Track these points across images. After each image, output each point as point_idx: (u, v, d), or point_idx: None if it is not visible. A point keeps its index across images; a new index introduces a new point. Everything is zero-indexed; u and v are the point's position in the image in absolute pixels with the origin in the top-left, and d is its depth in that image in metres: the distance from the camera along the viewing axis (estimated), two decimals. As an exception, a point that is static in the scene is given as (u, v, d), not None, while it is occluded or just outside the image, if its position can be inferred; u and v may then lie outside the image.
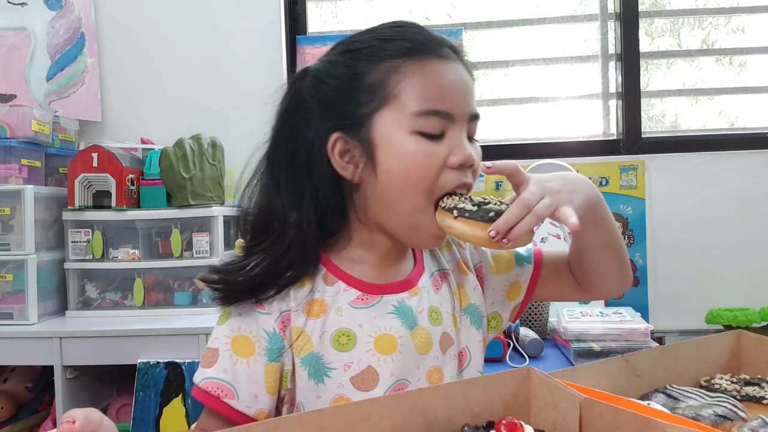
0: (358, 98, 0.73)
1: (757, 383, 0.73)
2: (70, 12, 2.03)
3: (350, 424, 0.52)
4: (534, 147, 2.03)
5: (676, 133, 2.09)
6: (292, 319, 0.75)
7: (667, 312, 1.91)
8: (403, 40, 0.73)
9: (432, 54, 0.73)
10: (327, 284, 0.77)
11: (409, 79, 0.71)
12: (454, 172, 0.72)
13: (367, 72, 0.73)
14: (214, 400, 0.72)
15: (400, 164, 0.71)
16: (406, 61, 0.72)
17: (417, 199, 0.72)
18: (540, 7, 2.11)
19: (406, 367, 0.75)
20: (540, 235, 1.84)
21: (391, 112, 0.72)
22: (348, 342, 0.74)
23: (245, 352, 0.73)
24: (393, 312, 0.77)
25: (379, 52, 0.73)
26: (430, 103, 0.71)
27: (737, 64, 2.09)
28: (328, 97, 0.75)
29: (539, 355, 1.45)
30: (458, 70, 0.74)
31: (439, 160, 0.71)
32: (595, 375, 0.67)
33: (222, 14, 2.05)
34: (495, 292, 0.87)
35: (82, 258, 1.68)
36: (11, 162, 1.63)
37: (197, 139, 1.75)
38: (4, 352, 1.54)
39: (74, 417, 0.54)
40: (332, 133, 0.74)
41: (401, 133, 0.71)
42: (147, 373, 1.46)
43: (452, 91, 0.72)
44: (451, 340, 0.80)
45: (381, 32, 0.76)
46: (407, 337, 0.76)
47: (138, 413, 1.47)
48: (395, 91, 0.71)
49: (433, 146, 0.71)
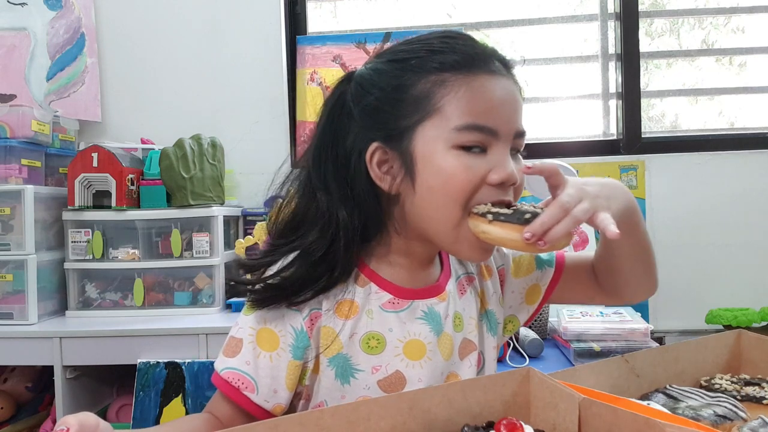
0: (401, 110, 0.72)
1: (757, 383, 0.73)
2: (70, 12, 2.03)
3: (350, 424, 0.52)
4: (534, 147, 2.03)
5: (676, 133, 2.09)
6: (322, 318, 0.74)
7: (667, 312, 1.91)
8: (452, 53, 0.71)
9: (481, 69, 0.71)
10: (359, 285, 0.76)
11: (455, 93, 0.70)
12: (493, 190, 0.70)
13: (412, 84, 0.71)
14: (234, 391, 0.72)
15: (438, 178, 0.70)
16: (453, 75, 0.70)
17: (454, 214, 0.70)
18: (540, 7, 2.11)
19: (434, 374, 0.75)
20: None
21: (433, 125, 0.70)
22: (378, 345, 0.75)
23: (269, 346, 0.73)
24: (422, 318, 0.77)
25: (426, 64, 0.72)
26: (474, 118, 0.69)
27: (737, 64, 2.09)
28: (371, 107, 0.73)
29: (539, 355, 1.45)
30: (506, 85, 0.72)
31: (479, 176, 0.69)
32: (595, 375, 0.67)
33: (222, 14, 2.05)
34: (514, 296, 0.87)
35: (82, 258, 1.68)
36: (11, 162, 1.63)
37: (197, 139, 1.75)
38: (4, 352, 1.54)
39: (68, 424, 0.54)
40: (372, 143, 0.73)
41: (442, 147, 0.69)
42: (147, 373, 1.46)
43: (498, 107, 0.71)
44: (473, 345, 0.80)
45: (430, 43, 0.74)
46: (435, 344, 0.76)
47: (138, 413, 1.47)
48: (439, 105, 0.70)
49: (474, 161, 0.69)
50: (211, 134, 1.81)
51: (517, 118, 0.73)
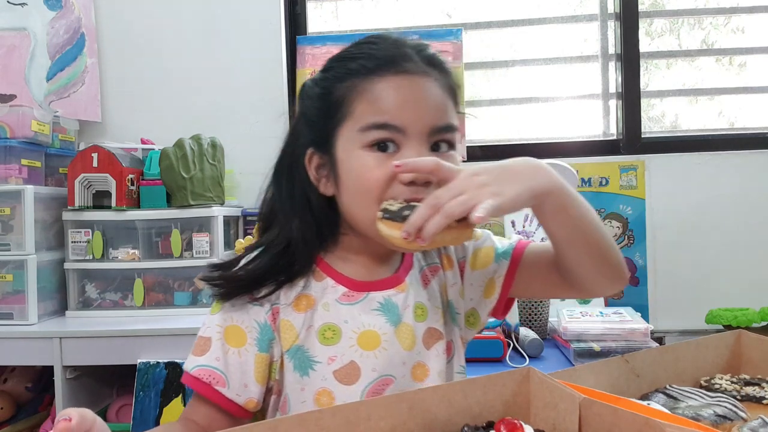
0: (324, 116, 0.77)
1: (757, 383, 0.73)
2: (70, 12, 2.03)
3: (350, 424, 0.52)
4: (534, 147, 2.03)
5: (676, 133, 2.09)
6: (281, 312, 0.77)
7: (667, 312, 1.91)
8: (364, 59, 0.76)
9: (389, 70, 0.74)
10: (316, 280, 0.80)
11: (363, 96, 0.74)
12: (405, 187, 0.72)
13: (332, 91, 0.76)
14: (206, 387, 0.74)
15: (352, 178, 0.74)
16: (362, 79, 0.74)
17: (372, 211, 0.73)
18: (540, 7, 2.11)
19: (391, 363, 0.77)
20: (540, 236, 1.84)
21: (347, 128, 0.75)
22: (333, 336, 0.77)
23: (237, 342, 0.76)
24: (378, 309, 0.79)
25: (343, 71, 0.76)
26: (377, 117, 0.73)
27: (737, 64, 2.09)
28: (308, 114, 0.79)
29: (539, 355, 1.45)
30: (419, 83, 0.74)
31: (387, 173, 0.72)
32: (595, 375, 0.67)
33: (222, 14, 2.05)
34: (473, 288, 0.87)
35: (82, 258, 1.68)
36: (11, 162, 1.63)
37: (197, 139, 1.75)
38: (4, 352, 1.54)
39: (70, 415, 0.55)
40: (308, 148, 0.78)
41: (354, 148, 0.74)
42: (147, 373, 1.46)
43: (406, 106, 0.73)
44: (439, 334, 0.81)
45: (349, 50, 0.79)
46: (391, 334, 0.78)
47: (138, 413, 1.47)
48: (351, 109, 0.75)
49: (384, 160, 0.72)
50: (211, 134, 1.81)
51: (433, 114, 0.74)
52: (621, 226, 1.93)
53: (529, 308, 1.61)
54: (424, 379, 0.78)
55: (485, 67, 2.14)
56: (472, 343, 1.40)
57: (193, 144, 1.73)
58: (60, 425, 0.52)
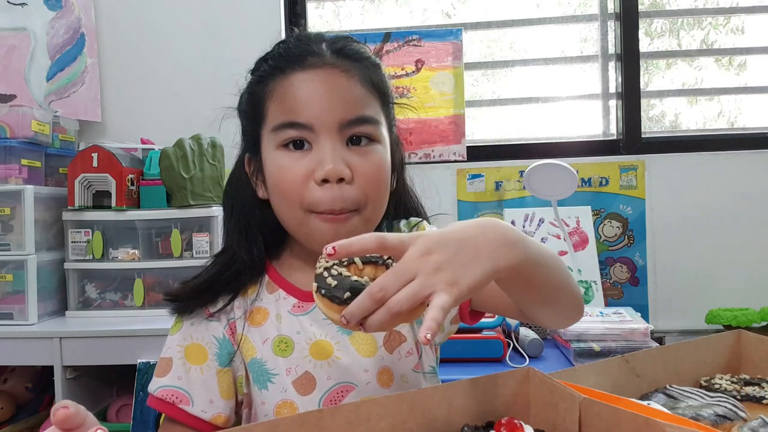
0: (252, 119, 0.77)
1: (757, 383, 0.73)
2: (70, 12, 2.03)
3: (350, 424, 0.52)
4: (534, 147, 2.03)
5: (676, 133, 2.09)
6: (237, 327, 0.77)
7: (667, 312, 1.91)
8: (271, 60, 0.76)
9: (293, 68, 0.73)
10: (269, 292, 0.79)
11: (272, 97, 0.74)
12: (320, 188, 0.70)
13: (253, 95, 0.77)
14: (170, 407, 0.74)
15: (271, 180, 0.74)
16: (272, 80, 0.75)
17: (294, 213, 0.73)
18: (540, 7, 2.11)
19: (348, 371, 0.75)
20: (540, 236, 1.84)
21: (265, 131, 0.75)
22: (287, 348, 0.76)
23: (198, 360, 0.76)
24: (327, 318, 0.77)
25: (260, 73, 0.76)
26: (285, 116, 0.72)
27: (737, 64, 2.09)
28: (241, 120, 0.81)
29: (539, 355, 1.45)
30: (326, 78, 0.72)
31: (301, 174, 0.71)
32: (595, 375, 0.67)
33: (222, 14, 2.05)
34: None
35: (82, 258, 1.68)
36: (11, 162, 1.63)
37: (197, 139, 1.75)
38: (4, 352, 1.54)
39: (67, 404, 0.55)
40: (245, 153, 0.80)
41: (270, 150, 0.74)
42: (147, 373, 1.46)
43: (311, 102, 0.71)
44: (402, 337, 0.79)
45: (266, 53, 0.79)
46: (345, 342, 0.76)
47: (138, 413, 1.47)
48: (265, 111, 0.74)
49: (297, 159, 0.72)
50: (211, 134, 1.81)
51: (342, 107, 0.71)
52: (621, 226, 1.93)
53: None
54: (390, 384, 0.77)
55: (485, 67, 2.14)
56: (473, 343, 1.41)
57: (193, 144, 1.73)
58: (59, 412, 0.52)
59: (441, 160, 2.00)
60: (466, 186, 1.97)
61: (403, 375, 0.78)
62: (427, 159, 2.01)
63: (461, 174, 1.98)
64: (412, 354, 0.79)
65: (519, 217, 1.87)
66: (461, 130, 2.00)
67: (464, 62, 2.01)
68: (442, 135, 2.00)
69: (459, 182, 1.98)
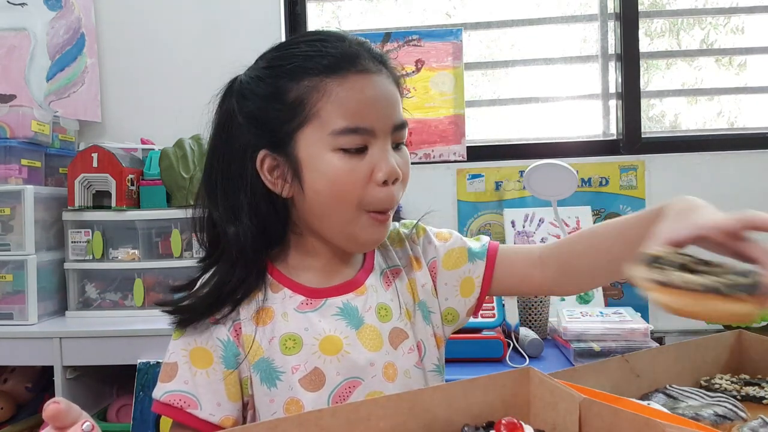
0: (281, 116, 0.73)
1: (757, 383, 0.73)
2: (70, 12, 2.03)
3: (350, 424, 0.52)
4: (534, 147, 2.03)
5: (676, 133, 2.09)
6: (243, 328, 0.77)
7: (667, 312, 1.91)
8: (321, 57, 0.73)
9: (350, 69, 0.72)
10: (274, 292, 0.79)
11: (328, 97, 0.71)
12: (379, 189, 0.73)
13: (288, 90, 0.73)
14: (178, 412, 0.73)
15: (324, 181, 0.72)
16: (324, 79, 0.72)
17: (346, 213, 0.73)
18: (540, 7, 2.11)
19: (356, 366, 0.76)
20: (540, 236, 1.84)
21: (312, 130, 0.72)
22: (294, 346, 0.76)
23: (203, 363, 0.75)
24: (337, 314, 0.78)
25: (298, 70, 0.73)
26: (349, 121, 0.71)
27: (737, 64, 2.09)
28: (254, 115, 0.75)
29: (539, 355, 1.45)
30: (379, 82, 0.74)
31: (363, 176, 0.72)
32: (595, 375, 0.67)
33: (222, 15, 2.05)
34: (448, 288, 0.86)
35: (82, 258, 1.68)
36: (11, 162, 1.63)
37: (197, 139, 1.75)
38: (4, 352, 1.54)
39: (58, 401, 0.55)
40: (260, 150, 0.75)
41: (323, 151, 0.72)
42: (147, 373, 1.46)
43: (372, 106, 0.72)
44: (405, 334, 0.80)
45: (300, 47, 0.75)
46: (353, 337, 0.77)
47: (138, 413, 1.47)
48: (315, 110, 0.72)
49: (356, 162, 0.72)
50: (211, 134, 1.81)
51: (393, 113, 0.74)
52: (621, 226, 1.92)
53: (529, 308, 1.61)
54: (394, 379, 0.78)
55: (485, 67, 2.14)
56: (473, 343, 1.41)
57: (193, 144, 1.73)
58: (50, 407, 0.52)
59: (441, 160, 2.00)
60: (466, 186, 1.97)
61: (406, 371, 0.79)
62: (427, 159, 2.01)
63: (461, 174, 1.98)
64: (413, 351, 0.81)
65: (519, 217, 1.87)
66: (461, 130, 2.00)
67: (464, 62, 2.01)
68: (442, 135, 2.00)
69: (459, 182, 1.98)
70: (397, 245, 0.87)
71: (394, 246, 0.87)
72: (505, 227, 1.86)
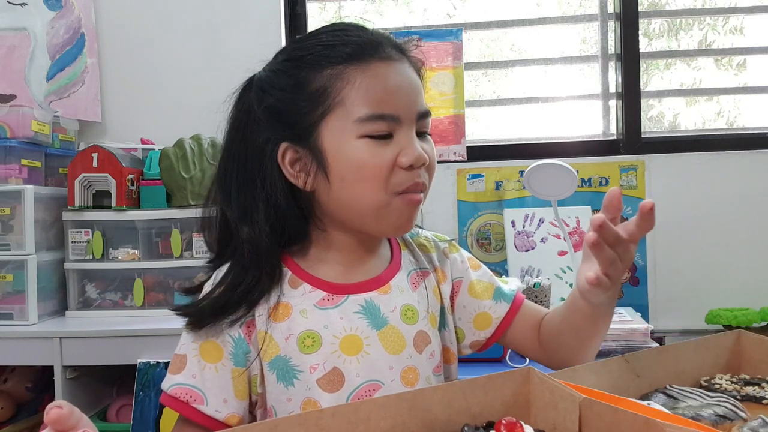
0: (303, 107, 0.73)
1: (757, 383, 0.73)
2: (70, 12, 2.03)
3: (350, 424, 0.52)
4: (534, 147, 2.03)
5: (676, 133, 2.09)
6: (257, 324, 0.75)
7: (667, 312, 1.91)
8: (343, 45, 0.73)
9: (373, 57, 0.73)
10: (292, 287, 0.77)
11: (352, 85, 0.71)
12: (405, 173, 0.73)
13: (310, 80, 0.73)
14: (184, 406, 0.73)
15: (350, 168, 0.72)
16: (347, 67, 0.72)
17: (376, 197, 0.72)
18: (540, 6, 2.11)
19: (375, 368, 0.75)
20: (540, 236, 1.84)
21: (336, 118, 0.72)
22: (313, 344, 0.74)
23: (213, 358, 0.74)
24: (359, 312, 0.76)
25: (320, 60, 0.73)
26: (375, 108, 0.71)
27: (736, 64, 2.10)
28: (274, 108, 0.75)
29: (539, 355, 1.45)
30: (402, 69, 0.74)
31: (388, 161, 0.72)
32: (595, 375, 0.67)
33: (222, 14, 2.05)
34: (464, 311, 0.87)
35: (82, 258, 1.68)
36: (11, 162, 1.63)
37: (197, 139, 1.75)
38: (4, 352, 1.54)
39: (61, 404, 0.55)
40: (281, 143, 0.74)
41: (349, 139, 0.71)
42: (147, 373, 1.46)
43: (396, 93, 0.72)
44: (428, 338, 0.79)
45: (321, 38, 0.75)
46: (374, 338, 0.75)
47: (138, 413, 1.47)
48: (339, 98, 0.72)
49: (382, 148, 0.72)
50: (211, 134, 1.81)
51: (417, 100, 0.75)
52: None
53: (529, 308, 1.61)
54: (414, 384, 0.76)
55: (485, 67, 2.14)
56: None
57: (193, 144, 1.73)
58: (52, 412, 0.52)
59: (441, 160, 2.00)
60: (466, 186, 1.97)
61: (428, 376, 0.78)
62: (427, 159, 2.01)
63: (461, 174, 1.98)
64: (433, 356, 0.80)
65: (519, 217, 1.87)
66: (461, 130, 2.00)
67: (464, 62, 2.01)
68: (442, 135, 2.00)
69: (459, 182, 1.98)
70: (428, 251, 0.87)
71: (423, 251, 0.87)
72: (505, 227, 1.86)
